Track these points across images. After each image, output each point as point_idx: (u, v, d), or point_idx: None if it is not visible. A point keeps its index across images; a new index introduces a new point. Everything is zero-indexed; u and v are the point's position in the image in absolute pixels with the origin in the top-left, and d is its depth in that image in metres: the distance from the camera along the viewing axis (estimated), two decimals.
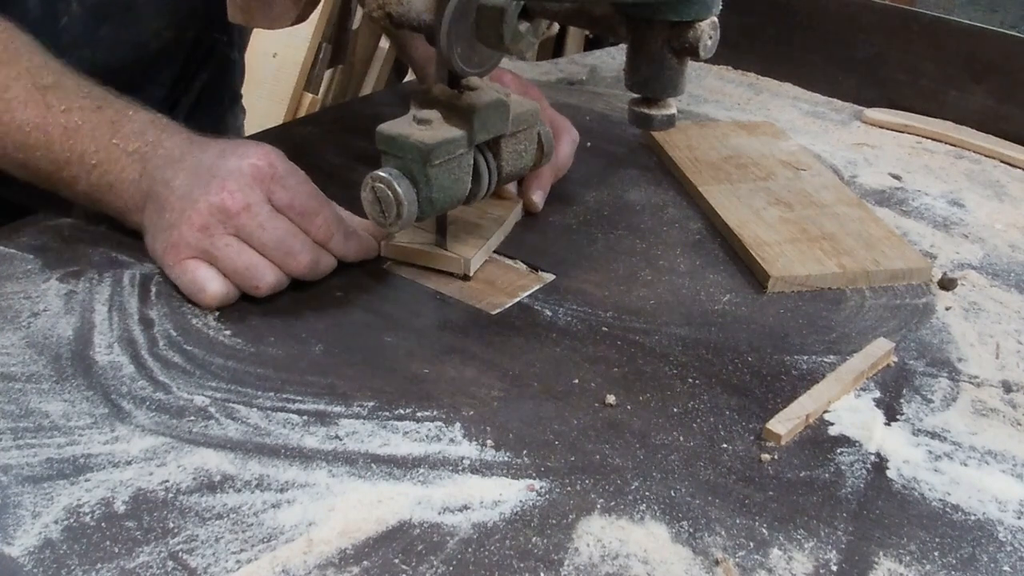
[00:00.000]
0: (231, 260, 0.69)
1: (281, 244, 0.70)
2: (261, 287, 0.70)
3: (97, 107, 0.74)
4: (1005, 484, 0.60)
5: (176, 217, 0.70)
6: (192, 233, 0.69)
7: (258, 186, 0.70)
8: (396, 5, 0.69)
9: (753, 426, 0.63)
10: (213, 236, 0.69)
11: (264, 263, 0.70)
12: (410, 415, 0.62)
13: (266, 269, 0.70)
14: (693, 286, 0.79)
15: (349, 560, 0.52)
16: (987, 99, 1.13)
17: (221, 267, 0.70)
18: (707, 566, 0.53)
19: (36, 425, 0.59)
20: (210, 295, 0.70)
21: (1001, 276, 0.84)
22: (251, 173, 0.70)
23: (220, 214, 0.69)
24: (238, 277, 0.70)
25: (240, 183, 0.70)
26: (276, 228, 0.70)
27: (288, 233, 0.71)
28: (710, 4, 0.61)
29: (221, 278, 0.70)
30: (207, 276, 0.70)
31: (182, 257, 0.70)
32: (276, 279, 0.71)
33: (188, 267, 0.70)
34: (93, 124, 0.74)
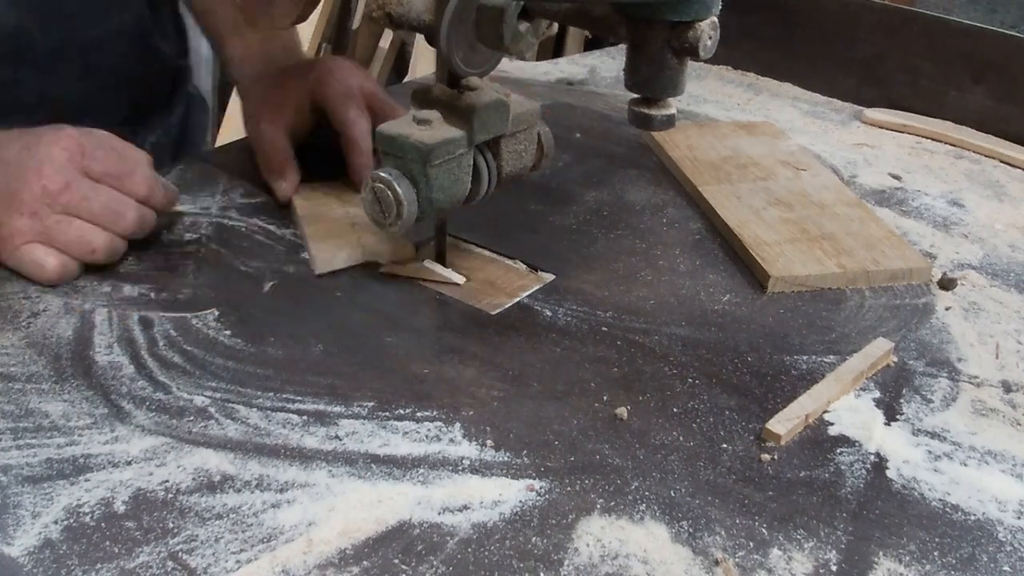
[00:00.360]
0: (63, 233, 0.72)
1: (107, 209, 0.74)
2: (97, 250, 0.73)
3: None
4: (1005, 484, 0.60)
5: (1, 212, 0.72)
6: (23, 221, 0.72)
7: (72, 165, 0.73)
8: (396, 5, 0.69)
9: (753, 426, 0.63)
10: (43, 218, 0.72)
11: (94, 228, 0.73)
12: (410, 415, 0.62)
13: (96, 233, 0.73)
14: (693, 286, 0.79)
15: (349, 560, 0.52)
16: (987, 99, 1.13)
17: (56, 244, 0.73)
18: (707, 566, 0.53)
19: (36, 425, 0.59)
20: (49, 270, 0.72)
21: (1001, 276, 0.84)
22: (63, 157, 0.73)
23: (45, 198, 0.72)
24: (73, 248, 0.73)
25: (55, 166, 0.72)
26: (99, 195, 0.73)
27: (111, 198, 0.74)
28: (710, 4, 0.61)
29: (57, 253, 0.73)
30: (43, 253, 0.72)
31: (17, 244, 0.72)
32: (108, 241, 0.74)
33: (24, 251, 0.72)
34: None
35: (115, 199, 0.74)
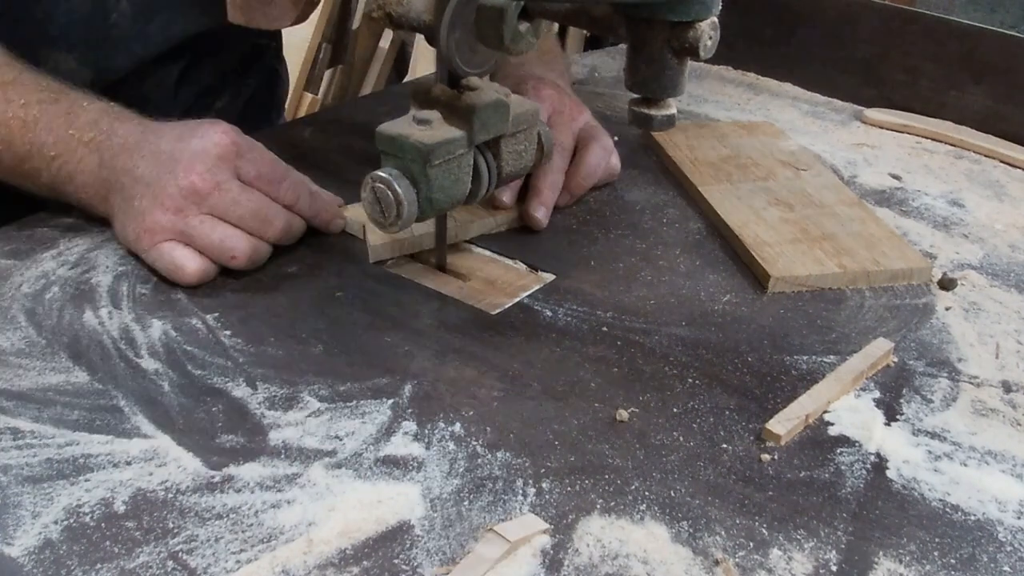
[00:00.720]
0: (205, 235, 0.71)
1: (256, 214, 0.72)
2: (238, 256, 0.72)
3: (54, 99, 0.76)
4: (1005, 484, 0.60)
5: (147, 203, 0.71)
6: (167, 216, 0.71)
7: (224, 164, 0.72)
8: (396, 5, 0.69)
9: (753, 426, 0.63)
10: (187, 216, 0.71)
11: (237, 233, 0.72)
12: (410, 415, 0.62)
13: (239, 238, 0.72)
14: (693, 286, 0.79)
15: (349, 560, 0.52)
16: (987, 99, 1.13)
17: (197, 245, 0.71)
18: (707, 566, 0.53)
19: (31, 431, 0.59)
20: (189, 272, 0.71)
21: (1001, 276, 0.84)
22: (216, 153, 0.72)
23: (193, 196, 0.71)
24: (214, 251, 0.72)
25: (207, 164, 0.71)
26: (249, 200, 0.72)
27: (261, 203, 0.73)
28: (710, 4, 0.61)
29: (198, 255, 0.72)
30: (184, 255, 0.71)
31: (157, 240, 0.71)
32: (251, 247, 0.73)
33: (164, 249, 0.71)
34: (50, 116, 0.75)
35: (264, 205, 0.73)
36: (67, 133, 0.74)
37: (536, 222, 0.84)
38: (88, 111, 0.76)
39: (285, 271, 0.77)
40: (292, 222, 0.76)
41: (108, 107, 0.77)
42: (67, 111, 0.75)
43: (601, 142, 0.90)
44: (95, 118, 0.75)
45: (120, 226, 0.75)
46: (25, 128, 0.74)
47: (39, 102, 0.75)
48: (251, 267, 0.74)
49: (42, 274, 0.74)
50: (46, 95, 0.76)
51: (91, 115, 0.75)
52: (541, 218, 0.84)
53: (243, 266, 0.73)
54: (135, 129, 0.75)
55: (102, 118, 0.75)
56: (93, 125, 0.75)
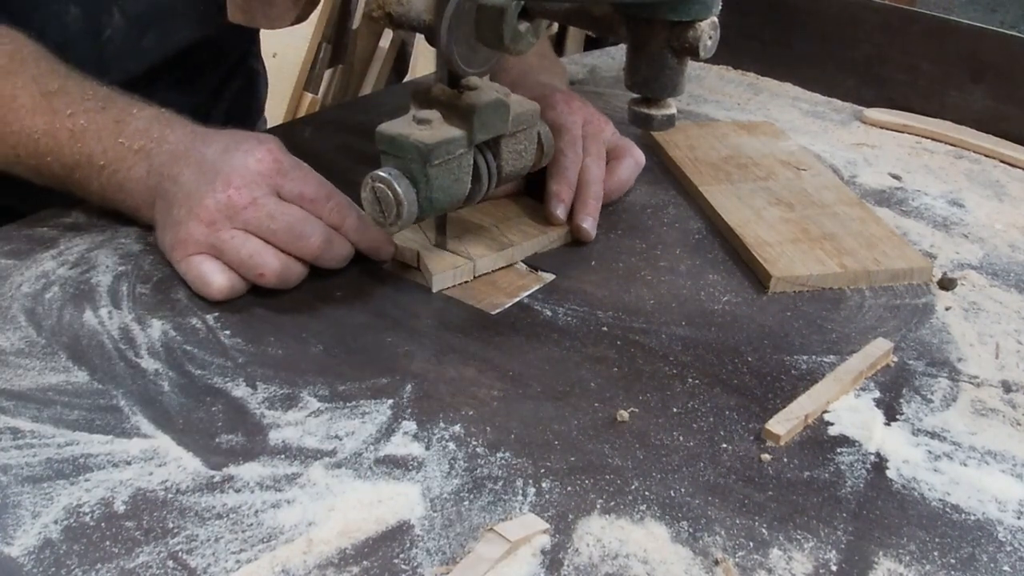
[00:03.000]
0: (235, 251, 0.69)
1: (290, 229, 0.70)
2: (266, 274, 0.70)
3: (101, 108, 0.75)
4: (1005, 484, 0.60)
5: (184, 213, 0.70)
6: (200, 229, 0.70)
7: (264, 181, 0.70)
8: (396, 5, 0.69)
9: (753, 426, 0.63)
10: (220, 231, 0.69)
11: (268, 249, 0.70)
12: (409, 415, 0.62)
13: (269, 255, 0.70)
14: (693, 286, 0.79)
15: (349, 560, 0.52)
16: (987, 99, 1.13)
17: (226, 259, 0.70)
18: (707, 566, 0.53)
19: (31, 431, 0.59)
20: (215, 288, 0.70)
21: (1001, 276, 0.84)
22: (256, 169, 0.71)
23: (227, 210, 0.69)
24: (243, 267, 0.70)
25: (245, 179, 0.70)
26: (285, 215, 0.70)
27: (297, 218, 0.71)
28: (710, 4, 0.61)
29: (226, 271, 0.70)
30: (212, 269, 0.70)
31: (189, 252, 0.70)
32: (281, 265, 0.70)
33: (194, 262, 0.70)
34: (99, 125, 0.74)
35: (301, 220, 0.70)
36: (117, 142, 0.74)
37: (585, 234, 0.82)
38: (138, 118, 0.75)
39: None
40: (333, 240, 0.72)
41: (159, 113, 0.76)
42: (116, 119, 0.74)
43: (633, 155, 0.90)
44: (145, 126, 0.74)
45: (160, 233, 0.74)
46: (73, 138, 0.74)
47: (86, 111, 0.74)
48: (282, 286, 0.71)
49: (42, 274, 0.74)
50: (93, 104, 0.75)
51: (141, 123, 0.74)
52: (589, 229, 0.82)
53: (272, 284, 0.71)
54: (185, 136, 0.74)
55: (152, 126, 0.74)
56: (144, 133, 0.74)
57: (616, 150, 0.90)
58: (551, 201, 0.82)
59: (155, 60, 0.91)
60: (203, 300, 0.72)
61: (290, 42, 2.28)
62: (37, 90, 0.75)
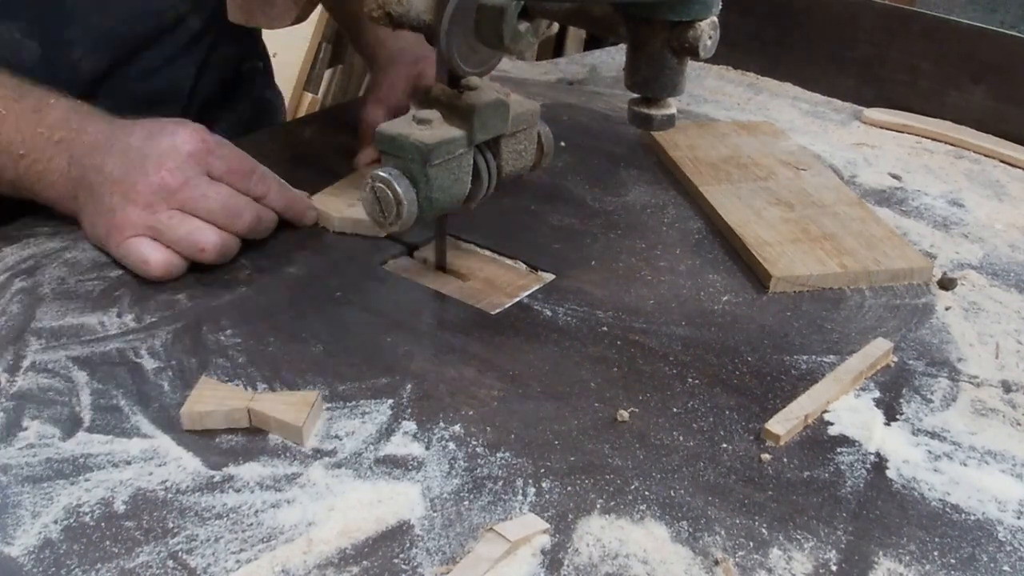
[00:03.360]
0: (173, 230, 0.71)
1: (225, 207, 0.73)
2: (207, 249, 0.72)
3: (19, 96, 0.75)
4: (1005, 484, 0.60)
5: (117, 200, 0.71)
6: (136, 212, 0.71)
7: (194, 162, 0.72)
8: (396, 5, 0.69)
9: (753, 426, 0.63)
10: (157, 212, 0.71)
11: (206, 226, 0.72)
12: (409, 415, 0.62)
13: (208, 231, 0.72)
14: (693, 286, 0.79)
15: (349, 560, 0.52)
16: (987, 99, 1.13)
17: (165, 240, 0.72)
18: (707, 566, 0.53)
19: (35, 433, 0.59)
20: (153, 265, 0.71)
21: (1001, 276, 0.84)
22: (186, 150, 0.72)
23: (162, 191, 0.71)
24: (181, 245, 0.72)
25: (177, 161, 0.72)
26: (219, 194, 0.73)
27: (230, 196, 0.73)
28: (710, 4, 0.61)
29: (163, 248, 0.72)
30: (149, 248, 0.71)
31: (126, 236, 0.71)
32: (220, 239, 0.73)
33: (132, 244, 0.72)
34: (16, 114, 0.74)
35: (233, 198, 0.74)
36: (36, 132, 0.74)
37: None
38: (55, 108, 0.75)
39: (285, 271, 0.77)
40: (262, 215, 0.76)
41: (75, 104, 0.76)
42: (34, 108, 0.74)
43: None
44: (64, 116, 0.75)
45: (89, 224, 0.75)
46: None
47: (3, 99, 0.74)
48: (220, 261, 0.74)
49: (42, 273, 0.74)
50: (8, 91, 0.74)
51: (59, 113, 0.75)
52: None
53: (212, 259, 0.73)
54: (104, 127, 0.75)
55: (71, 116, 0.75)
56: (63, 123, 0.74)
57: None
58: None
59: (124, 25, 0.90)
60: (204, 300, 0.72)
61: (290, 42, 2.28)
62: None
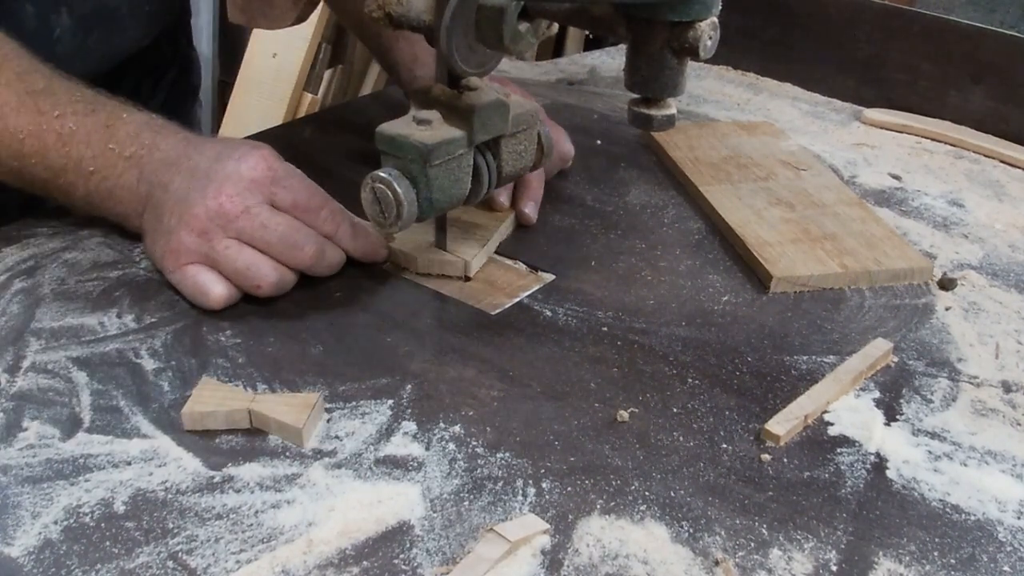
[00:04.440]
0: (231, 261, 0.69)
1: (284, 239, 0.70)
2: (263, 286, 0.70)
3: (91, 110, 0.73)
4: (1005, 484, 0.60)
5: (175, 222, 0.70)
6: (191, 238, 0.69)
7: (257, 189, 0.70)
8: (396, 5, 0.69)
9: (753, 426, 0.63)
10: (212, 240, 0.69)
11: (265, 261, 0.70)
12: (409, 415, 0.62)
13: (267, 267, 0.70)
14: (693, 286, 0.79)
15: (349, 560, 0.52)
16: (987, 99, 1.13)
17: (221, 270, 0.69)
18: (707, 566, 0.53)
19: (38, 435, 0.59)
20: (213, 298, 0.69)
21: (1001, 276, 0.84)
22: (249, 177, 0.70)
23: (219, 218, 0.69)
24: (239, 278, 0.70)
25: (238, 187, 0.69)
26: (278, 225, 0.70)
27: (291, 228, 0.70)
28: (710, 4, 0.61)
29: (223, 280, 0.70)
30: (209, 280, 0.69)
31: (182, 263, 0.70)
32: (278, 276, 0.70)
33: (189, 272, 0.70)
34: (88, 129, 0.72)
35: (295, 230, 0.70)
36: (107, 147, 0.72)
37: (528, 219, 0.85)
38: (128, 124, 0.73)
39: None
40: (326, 249, 0.72)
41: (150, 119, 0.74)
42: (106, 124, 0.73)
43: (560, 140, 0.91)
44: (136, 131, 0.73)
45: (150, 242, 0.73)
46: (60, 141, 0.72)
47: (74, 113, 0.72)
48: (276, 295, 0.71)
49: (42, 274, 0.74)
50: (81, 106, 0.73)
51: (132, 128, 0.73)
52: (531, 213, 0.85)
53: (268, 295, 0.71)
54: (177, 143, 0.73)
55: (144, 131, 0.73)
56: (134, 139, 0.73)
57: None
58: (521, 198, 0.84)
59: (100, 63, 0.90)
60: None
61: (290, 42, 2.28)
62: (22, 88, 0.72)
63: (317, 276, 0.73)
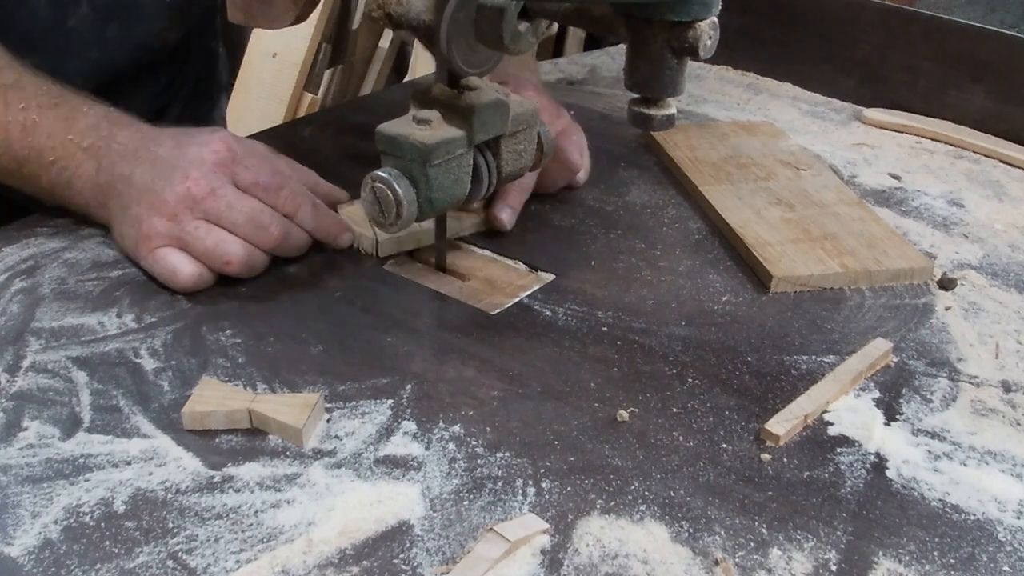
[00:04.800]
0: (200, 240, 0.71)
1: (250, 220, 0.72)
2: (232, 261, 0.72)
3: (53, 104, 0.75)
4: (1005, 484, 0.60)
5: (143, 209, 0.71)
6: (162, 222, 0.71)
7: (220, 171, 0.72)
8: (396, 5, 0.69)
9: (753, 426, 0.63)
10: (182, 222, 0.70)
11: (232, 239, 0.71)
12: (409, 415, 0.62)
13: (235, 244, 0.71)
14: (693, 286, 0.79)
15: (349, 560, 0.52)
16: (987, 99, 1.13)
17: (191, 250, 0.71)
18: (707, 566, 0.53)
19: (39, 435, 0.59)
20: (183, 277, 0.71)
21: (1001, 276, 0.84)
22: (212, 160, 0.72)
23: (187, 201, 0.70)
24: (208, 257, 0.71)
25: (202, 170, 0.71)
26: (244, 206, 0.72)
27: (256, 209, 0.72)
28: (710, 4, 0.61)
29: (193, 261, 0.71)
30: (179, 260, 0.71)
31: (154, 246, 0.71)
32: (246, 253, 0.72)
33: (160, 255, 0.71)
34: (49, 121, 0.74)
35: (259, 210, 0.72)
36: (66, 138, 0.74)
37: (501, 224, 0.83)
38: (87, 116, 0.75)
39: (285, 272, 0.77)
40: (291, 231, 0.74)
41: (108, 112, 0.76)
42: (66, 116, 0.75)
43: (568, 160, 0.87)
44: (94, 123, 0.75)
45: (118, 233, 0.75)
46: (24, 132, 0.74)
47: (39, 106, 0.75)
48: (247, 274, 0.73)
49: (42, 273, 0.74)
50: (46, 99, 0.75)
51: (90, 120, 0.75)
52: (506, 220, 0.83)
53: (238, 272, 0.72)
54: (134, 135, 0.75)
55: (101, 123, 0.75)
56: (92, 130, 0.75)
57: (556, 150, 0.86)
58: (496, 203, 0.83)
59: (117, 55, 0.91)
60: (204, 300, 0.72)
61: (290, 42, 2.28)
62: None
63: (284, 256, 0.75)
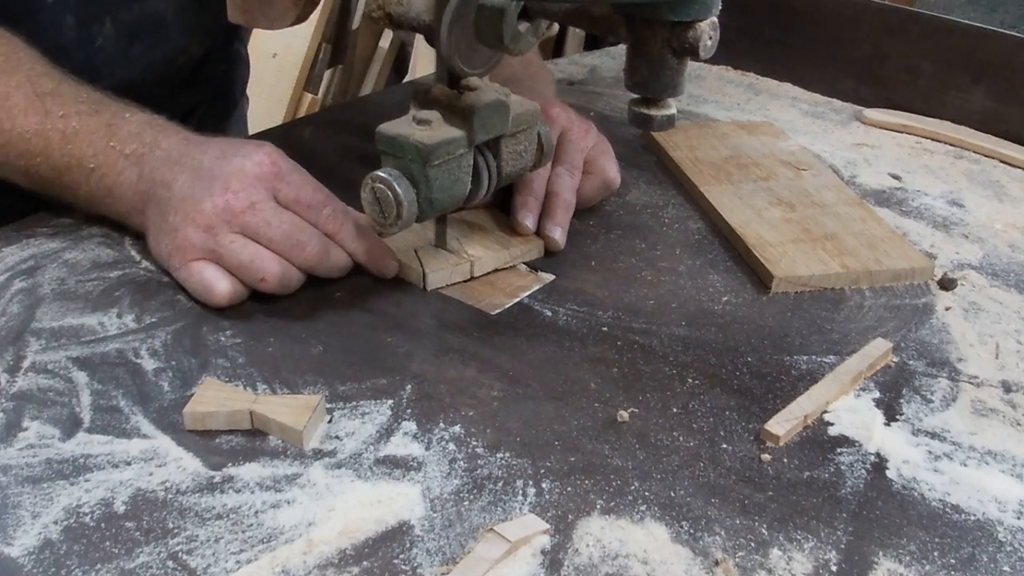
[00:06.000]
0: (235, 255, 0.69)
1: (288, 237, 0.70)
2: (267, 279, 0.70)
3: (94, 111, 0.74)
4: (1005, 484, 0.60)
5: (180, 219, 0.70)
6: (197, 234, 0.69)
7: (261, 185, 0.70)
8: (396, 5, 0.69)
9: (753, 426, 0.63)
10: (218, 235, 0.69)
11: (268, 255, 0.69)
12: (409, 415, 0.62)
13: (270, 260, 0.69)
14: (693, 286, 0.79)
15: (349, 560, 0.52)
16: (987, 99, 1.13)
17: (226, 264, 0.69)
18: (707, 566, 0.53)
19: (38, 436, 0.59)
20: (218, 294, 0.69)
21: (1001, 276, 0.84)
22: (254, 173, 0.70)
23: (225, 213, 0.69)
24: (243, 272, 0.69)
25: (243, 183, 0.69)
26: (283, 222, 0.70)
27: (295, 226, 0.70)
28: (710, 4, 0.61)
29: (228, 276, 0.70)
30: (214, 276, 0.69)
31: (188, 259, 0.70)
32: (282, 270, 0.70)
33: (195, 269, 0.70)
34: (90, 128, 0.74)
35: (298, 227, 0.70)
36: (108, 145, 0.73)
37: (554, 244, 0.81)
38: (130, 123, 0.74)
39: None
40: (330, 250, 0.72)
41: (152, 119, 0.75)
42: (108, 123, 0.74)
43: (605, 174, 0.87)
44: (138, 130, 0.74)
45: (154, 241, 0.73)
46: (64, 140, 0.73)
47: (78, 113, 0.74)
48: (282, 292, 0.71)
49: (42, 274, 0.74)
50: (85, 107, 0.74)
51: (134, 127, 0.74)
52: (558, 239, 0.81)
53: (273, 290, 0.70)
54: (179, 142, 0.73)
55: (145, 130, 0.74)
56: (136, 137, 0.73)
57: (589, 164, 0.87)
58: (518, 212, 0.81)
59: (143, 72, 0.91)
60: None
61: (290, 42, 2.28)
62: (32, 90, 0.74)
63: (323, 277, 0.73)
